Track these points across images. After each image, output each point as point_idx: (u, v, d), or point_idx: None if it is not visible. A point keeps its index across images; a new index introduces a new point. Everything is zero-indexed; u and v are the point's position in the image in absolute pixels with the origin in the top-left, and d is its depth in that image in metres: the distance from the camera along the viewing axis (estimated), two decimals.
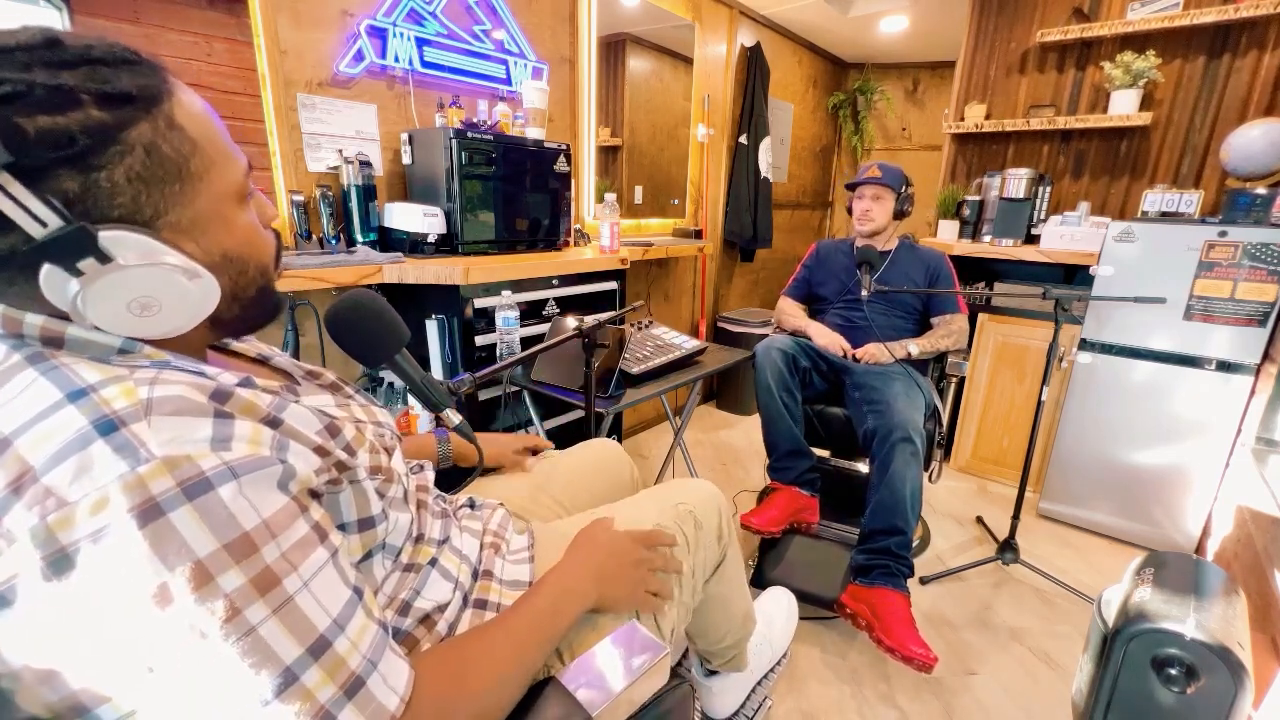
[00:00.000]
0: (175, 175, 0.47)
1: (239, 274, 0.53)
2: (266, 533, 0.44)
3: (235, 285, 0.53)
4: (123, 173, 0.44)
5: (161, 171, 0.46)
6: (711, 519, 0.99)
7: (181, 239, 0.49)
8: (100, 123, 0.43)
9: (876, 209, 1.98)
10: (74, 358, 0.45)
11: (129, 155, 0.44)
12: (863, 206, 2.00)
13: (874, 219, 1.99)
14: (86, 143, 0.42)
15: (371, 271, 1.57)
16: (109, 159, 0.43)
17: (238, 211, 0.53)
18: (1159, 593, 0.92)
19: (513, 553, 0.83)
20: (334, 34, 1.67)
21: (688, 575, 0.91)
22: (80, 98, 0.42)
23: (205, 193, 0.49)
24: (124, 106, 0.44)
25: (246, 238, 0.54)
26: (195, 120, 0.49)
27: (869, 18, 3.31)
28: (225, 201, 0.51)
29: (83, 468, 0.40)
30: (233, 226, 0.52)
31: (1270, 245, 1.79)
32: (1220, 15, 2.15)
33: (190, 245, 0.49)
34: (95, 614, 0.40)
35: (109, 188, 0.44)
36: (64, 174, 0.42)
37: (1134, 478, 2.11)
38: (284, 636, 0.43)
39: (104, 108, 0.43)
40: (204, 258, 0.50)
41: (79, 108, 0.42)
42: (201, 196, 0.49)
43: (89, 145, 0.42)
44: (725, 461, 2.80)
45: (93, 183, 0.43)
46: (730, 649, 1.16)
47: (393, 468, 0.63)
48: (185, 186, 0.48)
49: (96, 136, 0.43)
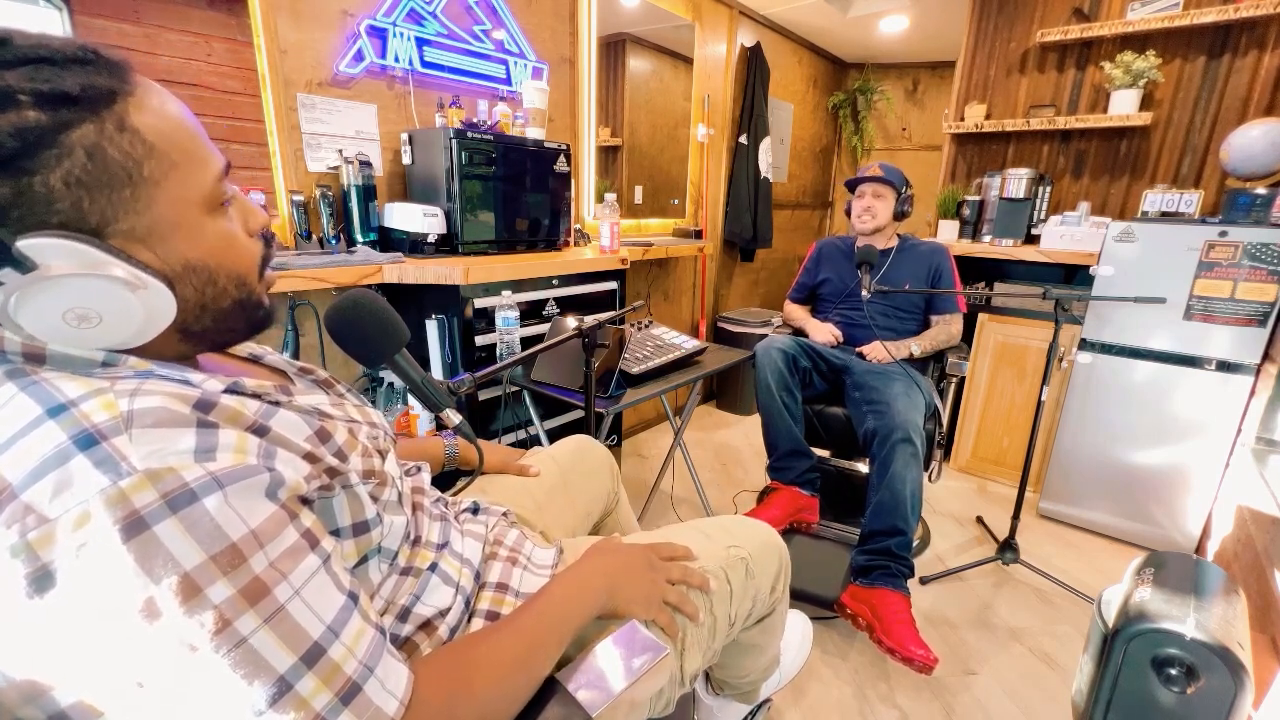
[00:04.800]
0: (124, 180, 0.44)
1: (206, 284, 0.51)
2: (254, 542, 0.43)
3: (202, 296, 0.51)
4: (59, 178, 0.42)
5: (107, 176, 0.44)
6: (768, 570, 0.92)
7: (136, 246, 0.46)
8: (35, 124, 0.41)
9: (878, 206, 1.98)
10: (55, 372, 0.44)
11: (67, 159, 0.42)
12: (863, 204, 2.00)
13: (875, 216, 1.98)
14: (15, 146, 0.40)
15: (371, 271, 1.57)
16: (43, 163, 0.41)
17: (205, 219, 0.51)
18: (1159, 593, 0.92)
19: (537, 565, 0.82)
20: (334, 34, 1.67)
21: (723, 622, 0.86)
22: (17, 98, 0.40)
23: (162, 199, 0.47)
24: (64, 108, 0.42)
25: (215, 246, 0.51)
26: (156, 122, 0.46)
27: (869, 18, 3.31)
28: (189, 208, 0.49)
29: (62, 483, 0.39)
30: (197, 234, 0.50)
31: (1270, 245, 1.79)
32: (1220, 15, 2.15)
33: (146, 253, 0.47)
34: (81, 630, 0.39)
35: (45, 193, 0.42)
36: None
37: (1134, 478, 2.11)
38: (276, 646, 0.43)
39: (42, 108, 0.41)
40: (163, 266, 0.48)
41: (14, 108, 0.40)
42: (159, 203, 0.47)
43: (18, 149, 0.40)
44: (725, 461, 2.80)
45: (25, 188, 0.41)
46: (748, 685, 1.12)
47: (386, 471, 0.62)
48: (138, 192, 0.45)
49: (28, 139, 0.40)
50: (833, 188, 4.58)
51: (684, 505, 2.31)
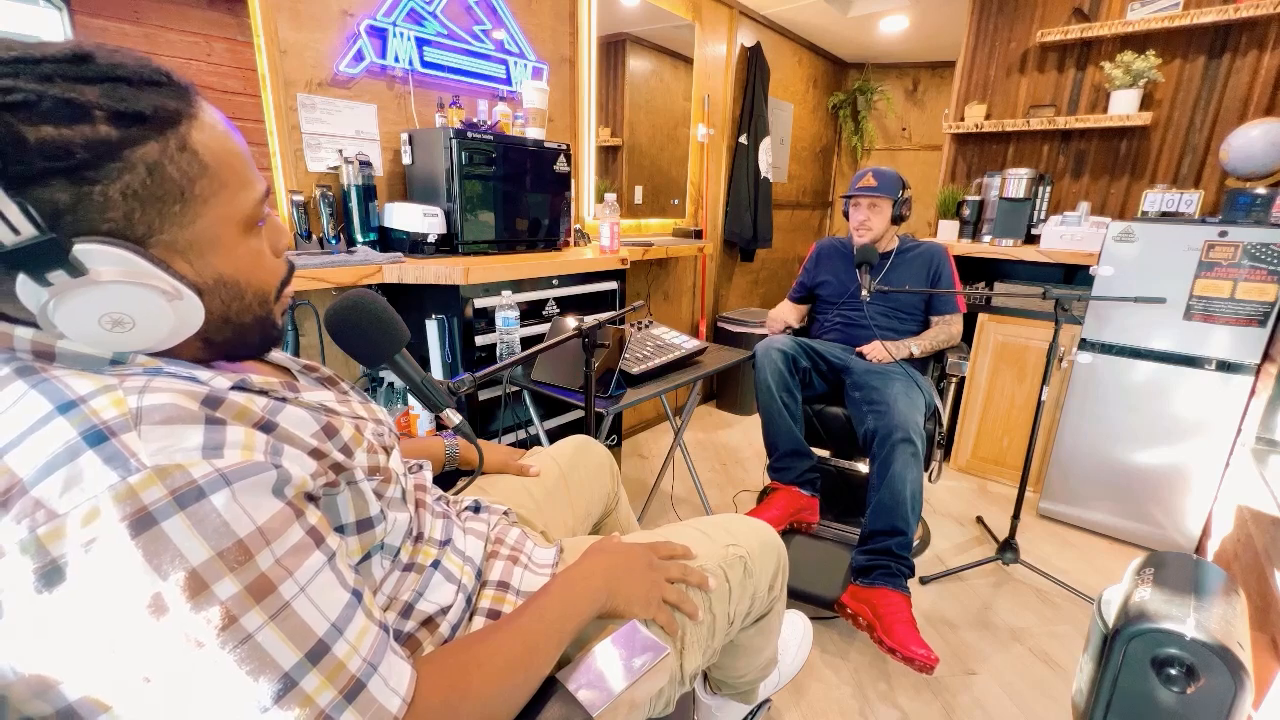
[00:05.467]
0: (176, 196, 0.47)
1: (234, 299, 0.53)
2: (261, 539, 0.44)
3: (228, 309, 0.53)
4: (119, 189, 0.44)
5: (161, 191, 0.46)
6: (766, 569, 0.92)
7: (175, 258, 0.48)
8: (105, 138, 0.43)
9: (874, 218, 1.97)
10: (65, 369, 0.45)
11: (129, 173, 0.44)
12: (860, 216, 1.99)
13: (872, 228, 1.97)
14: (84, 156, 0.42)
15: (371, 271, 1.57)
16: (106, 174, 0.43)
17: (242, 237, 0.53)
18: (1159, 593, 0.92)
19: (538, 564, 0.82)
20: (334, 34, 1.67)
21: (723, 621, 0.86)
22: (93, 113, 0.43)
23: (207, 215, 0.49)
24: (135, 125, 0.44)
25: (247, 264, 0.54)
26: (213, 144, 0.49)
27: (869, 18, 3.31)
28: (229, 226, 0.51)
29: (72, 479, 0.39)
30: (233, 251, 0.52)
31: (1270, 245, 1.79)
32: (1220, 15, 2.15)
33: (183, 265, 0.49)
34: (89, 625, 0.40)
35: (101, 202, 0.43)
36: (56, 184, 0.42)
37: (1134, 478, 2.11)
38: (281, 643, 0.43)
39: (115, 125, 0.43)
40: (196, 278, 0.50)
41: (89, 122, 0.42)
42: (203, 219, 0.49)
43: (86, 159, 0.42)
44: (725, 461, 2.80)
45: (84, 195, 0.43)
46: (745, 684, 1.12)
47: (390, 468, 0.63)
48: (186, 208, 0.48)
49: (97, 151, 0.43)
50: (833, 188, 4.58)
51: (684, 505, 2.31)
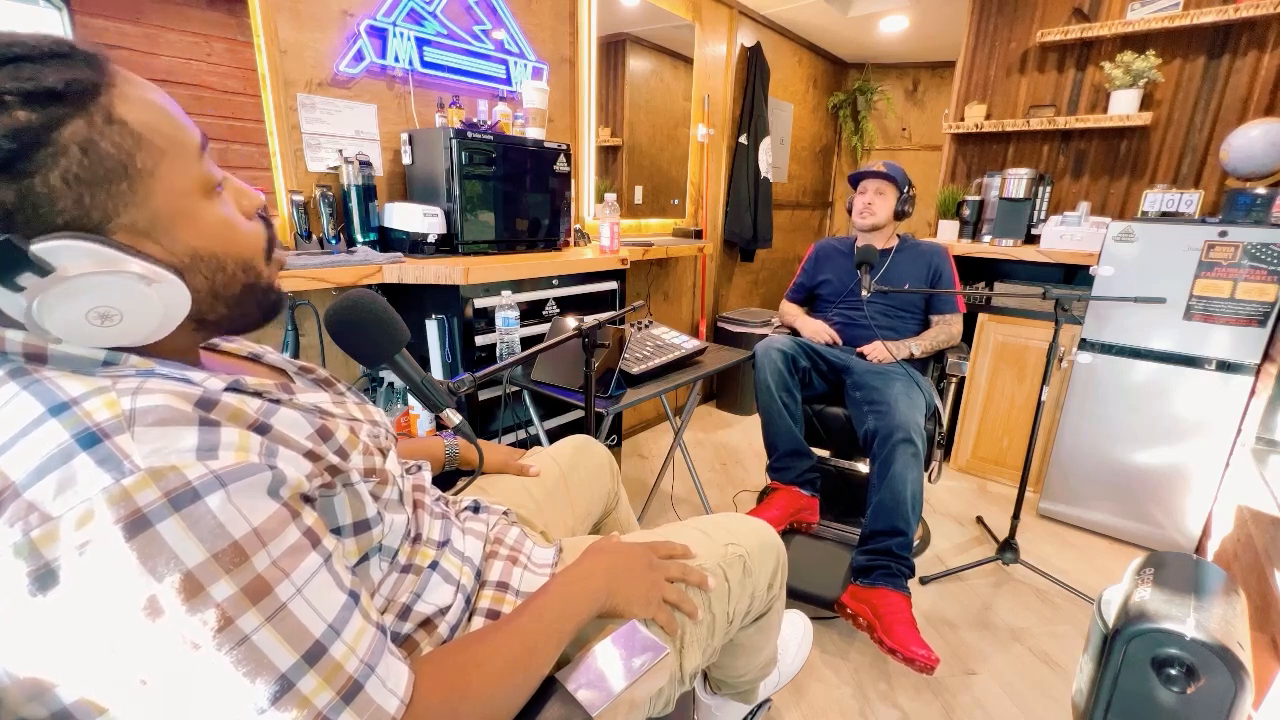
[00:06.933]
0: (120, 173, 0.44)
1: (215, 272, 0.51)
2: (257, 541, 0.43)
3: (214, 284, 0.52)
4: (59, 176, 0.42)
5: (103, 171, 0.43)
6: (765, 568, 0.92)
7: (141, 240, 0.46)
8: (26, 124, 0.40)
9: (879, 203, 1.98)
10: (57, 371, 0.44)
11: (63, 157, 0.42)
12: (865, 200, 2.00)
13: (875, 213, 1.98)
14: (11, 148, 0.40)
15: (371, 271, 1.57)
16: (40, 163, 0.41)
17: (204, 205, 0.50)
18: (1159, 593, 0.92)
19: (537, 564, 0.82)
20: (334, 34, 1.67)
21: (722, 620, 0.86)
22: (3, 99, 0.40)
23: (159, 190, 0.47)
24: (52, 104, 0.41)
25: (219, 233, 0.51)
26: (140, 112, 0.46)
27: (869, 18, 3.31)
28: (186, 196, 0.49)
29: (65, 482, 0.39)
30: (199, 222, 0.50)
31: (1270, 245, 1.79)
32: (1220, 15, 2.15)
33: (152, 246, 0.47)
34: (84, 628, 0.39)
35: (46, 194, 0.42)
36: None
37: (1134, 478, 2.11)
38: (278, 644, 0.43)
39: (29, 107, 0.41)
40: (170, 258, 0.48)
41: (3, 110, 0.40)
42: (156, 194, 0.47)
43: (13, 149, 0.40)
44: (725, 461, 2.80)
45: (27, 190, 0.41)
46: (745, 684, 1.12)
47: (387, 469, 0.63)
48: (135, 185, 0.45)
49: (21, 139, 0.40)
50: (833, 188, 4.58)
51: (684, 505, 2.31)
